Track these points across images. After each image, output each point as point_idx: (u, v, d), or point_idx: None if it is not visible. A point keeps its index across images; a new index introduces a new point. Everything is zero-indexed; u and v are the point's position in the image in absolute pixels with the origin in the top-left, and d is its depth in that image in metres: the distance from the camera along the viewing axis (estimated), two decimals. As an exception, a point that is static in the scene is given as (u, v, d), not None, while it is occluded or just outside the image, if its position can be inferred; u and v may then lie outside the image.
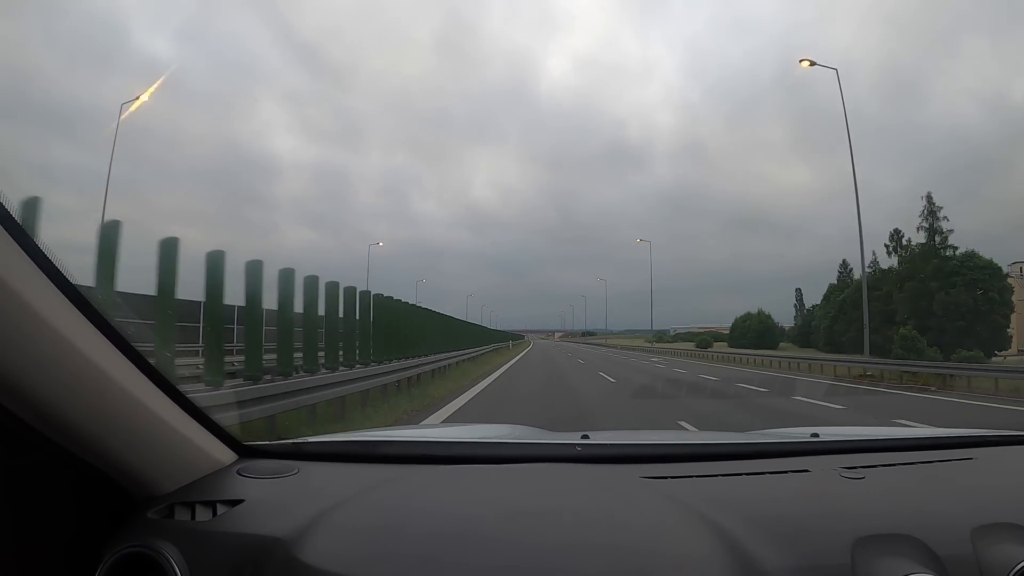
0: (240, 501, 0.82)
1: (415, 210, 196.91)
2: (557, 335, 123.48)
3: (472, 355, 18.81)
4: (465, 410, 7.48)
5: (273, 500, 0.85)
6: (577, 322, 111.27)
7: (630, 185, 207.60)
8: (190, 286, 4.80)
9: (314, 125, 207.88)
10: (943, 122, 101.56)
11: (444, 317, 14.39)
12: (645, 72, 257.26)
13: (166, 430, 0.81)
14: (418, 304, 13.36)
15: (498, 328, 58.08)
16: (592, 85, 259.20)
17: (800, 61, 18.35)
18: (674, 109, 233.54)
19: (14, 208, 0.58)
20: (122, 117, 17.75)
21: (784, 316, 59.14)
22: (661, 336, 69.22)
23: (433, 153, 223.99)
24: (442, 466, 0.99)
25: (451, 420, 6.56)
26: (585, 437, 1.22)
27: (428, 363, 11.11)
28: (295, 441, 1.12)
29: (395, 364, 8.74)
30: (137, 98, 17.45)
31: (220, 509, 0.81)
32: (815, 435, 1.29)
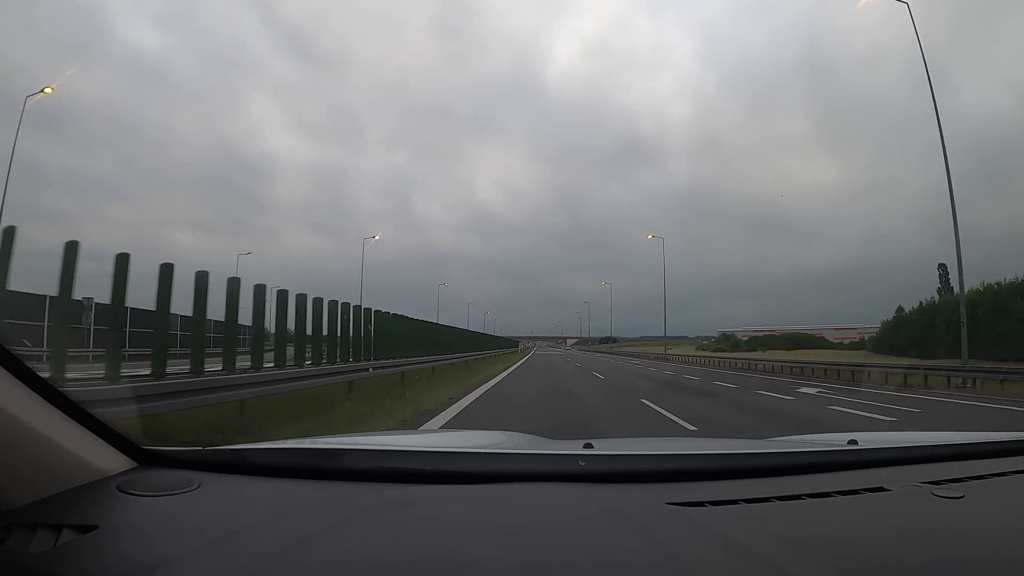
0: (93, 527, 0.78)
1: (419, 214, 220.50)
2: (570, 342, 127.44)
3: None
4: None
5: (144, 525, 0.81)
6: (591, 329, 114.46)
7: (643, 185, 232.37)
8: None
9: (309, 122, 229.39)
10: (974, 112, 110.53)
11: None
12: (659, 59, 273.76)
13: (23, 431, 0.79)
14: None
15: (494, 334, 51.73)
16: (602, 74, 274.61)
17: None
18: (690, 100, 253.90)
19: None
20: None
21: (803, 318, 59.30)
22: (736, 342, 61.33)
23: (436, 152, 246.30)
24: (406, 485, 0.95)
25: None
26: (588, 446, 1.18)
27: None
28: (212, 448, 1.09)
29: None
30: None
31: (66, 535, 0.77)
32: (853, 441, 1.30)
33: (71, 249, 5.04)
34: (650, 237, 43.49)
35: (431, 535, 0.79)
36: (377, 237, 44.29)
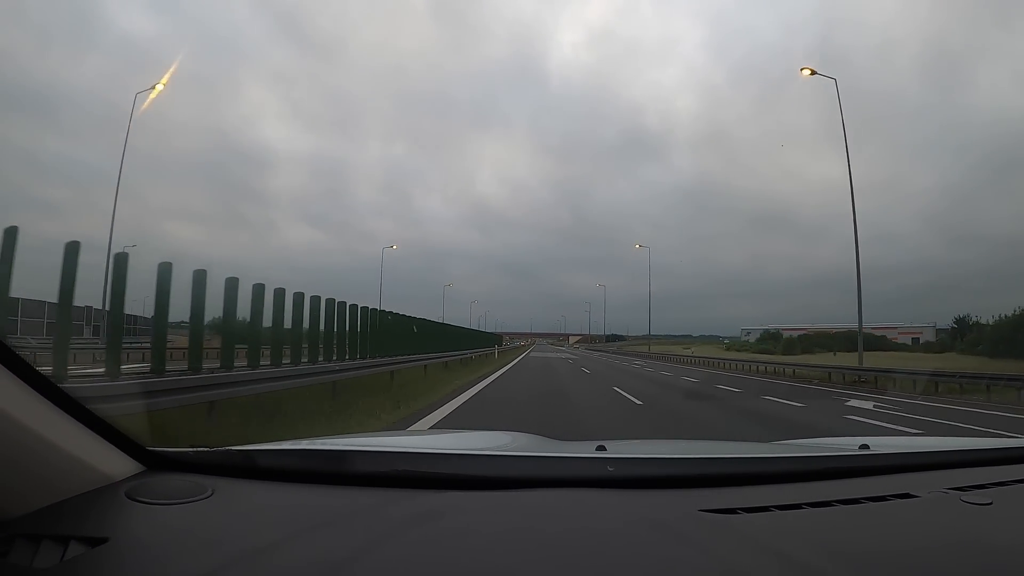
0: (102, 540, 0.76)
1: (419, 208, 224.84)
2: (573, 340, 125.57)
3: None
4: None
5: (157, 538, 0.79)
6: (604, 325, 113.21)
7: (647, 180, 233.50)
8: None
9: (306, 111, 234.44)
10: (987, 107, 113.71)
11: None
12: (665, 49, 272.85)
13: (25, 434, 0.78)
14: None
15: (466, 327, 37.41)
16: (607, 63, 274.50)
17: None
18: (696, 92, 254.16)
19: None
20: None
21: (810, 317, 58.95)
22: (790, 343, 52.49)
23: (435, 143, 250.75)
24: (429, 491, 0.94)
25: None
26: (601, 449, 1.19)
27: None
28: (219, 449, 1.08)
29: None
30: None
31: (74, 548, 0.75)
32: (864, 446, 1.33)
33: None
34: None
35: (470, 550, 0.77)
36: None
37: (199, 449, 1.08)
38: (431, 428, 6.63)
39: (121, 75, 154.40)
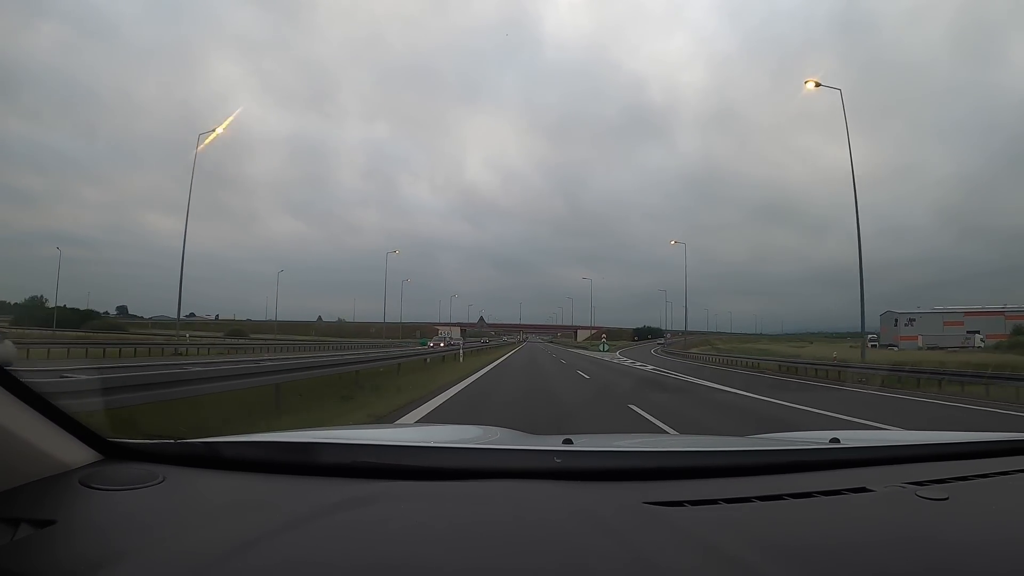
0: (50, 522, 0.82)
1: (405, 196, 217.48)
2: (583, 335, 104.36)
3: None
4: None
5: (101, 521, 0.85)
6: (600, 320, 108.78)
7: (651, 168, 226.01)
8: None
9: (276, 84, 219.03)
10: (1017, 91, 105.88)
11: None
12: (672, 11, 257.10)
13: None
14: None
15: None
16: (607, 29, 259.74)
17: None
18: (705, 64, 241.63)
19: None
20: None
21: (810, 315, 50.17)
22: None
23: (420, 122, 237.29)
24: (372, 480, 0.98)
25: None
26: (568, 442, 1.23)
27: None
28: (178, 440, 1.13)
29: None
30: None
31: (24, 530, 0.81)
32: (835, 440, 1.35)
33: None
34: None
35: (386, 535, 0.80)
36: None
37: (160, 440, 1.14)
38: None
39: (77, 46, 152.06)
